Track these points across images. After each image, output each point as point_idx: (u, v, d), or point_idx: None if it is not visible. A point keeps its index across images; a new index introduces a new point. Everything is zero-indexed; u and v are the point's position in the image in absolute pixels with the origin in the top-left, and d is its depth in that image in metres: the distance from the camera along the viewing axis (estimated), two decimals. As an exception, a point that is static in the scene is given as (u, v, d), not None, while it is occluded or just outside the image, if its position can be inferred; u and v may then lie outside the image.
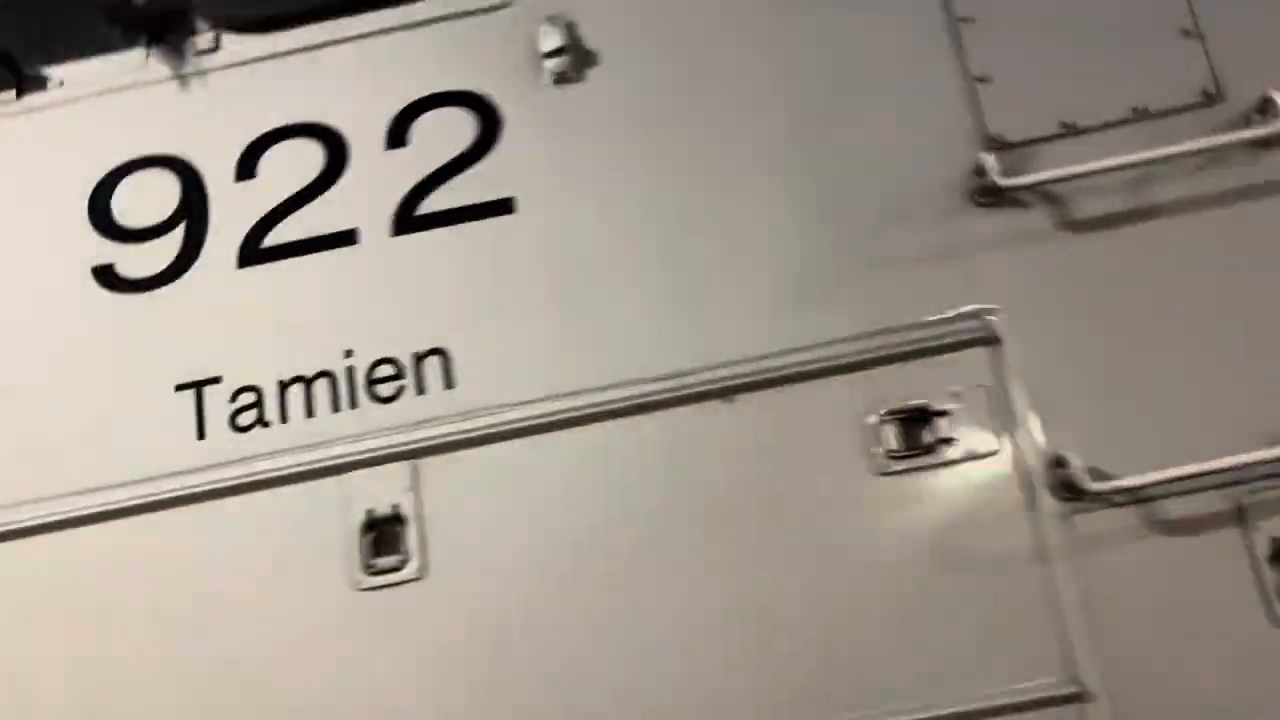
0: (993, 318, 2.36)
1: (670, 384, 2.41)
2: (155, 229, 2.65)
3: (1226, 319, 2.31)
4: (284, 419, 2.50)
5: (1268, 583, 2.17)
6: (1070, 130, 2.44)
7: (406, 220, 2.58)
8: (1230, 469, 2.19)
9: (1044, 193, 2.41)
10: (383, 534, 2.41)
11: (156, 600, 2.40)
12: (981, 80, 2.50)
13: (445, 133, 2.62)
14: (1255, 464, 2.19)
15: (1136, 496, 2.23)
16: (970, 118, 2.48)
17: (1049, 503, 2.25)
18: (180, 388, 2.54)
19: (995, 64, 2.51)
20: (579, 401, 2.42)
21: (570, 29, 2.65)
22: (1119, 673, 2.18)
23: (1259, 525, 2.20)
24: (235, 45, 2.75)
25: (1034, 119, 2.46)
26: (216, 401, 2.53)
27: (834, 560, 2.29)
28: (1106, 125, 2.44)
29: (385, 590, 2.38)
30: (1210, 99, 2.42)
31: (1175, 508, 2.23)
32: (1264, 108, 2.37)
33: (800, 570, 2.29)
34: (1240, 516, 2.21)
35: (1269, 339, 2.29)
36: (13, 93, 2.77)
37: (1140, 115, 2.43)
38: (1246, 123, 2.38)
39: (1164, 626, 2.19)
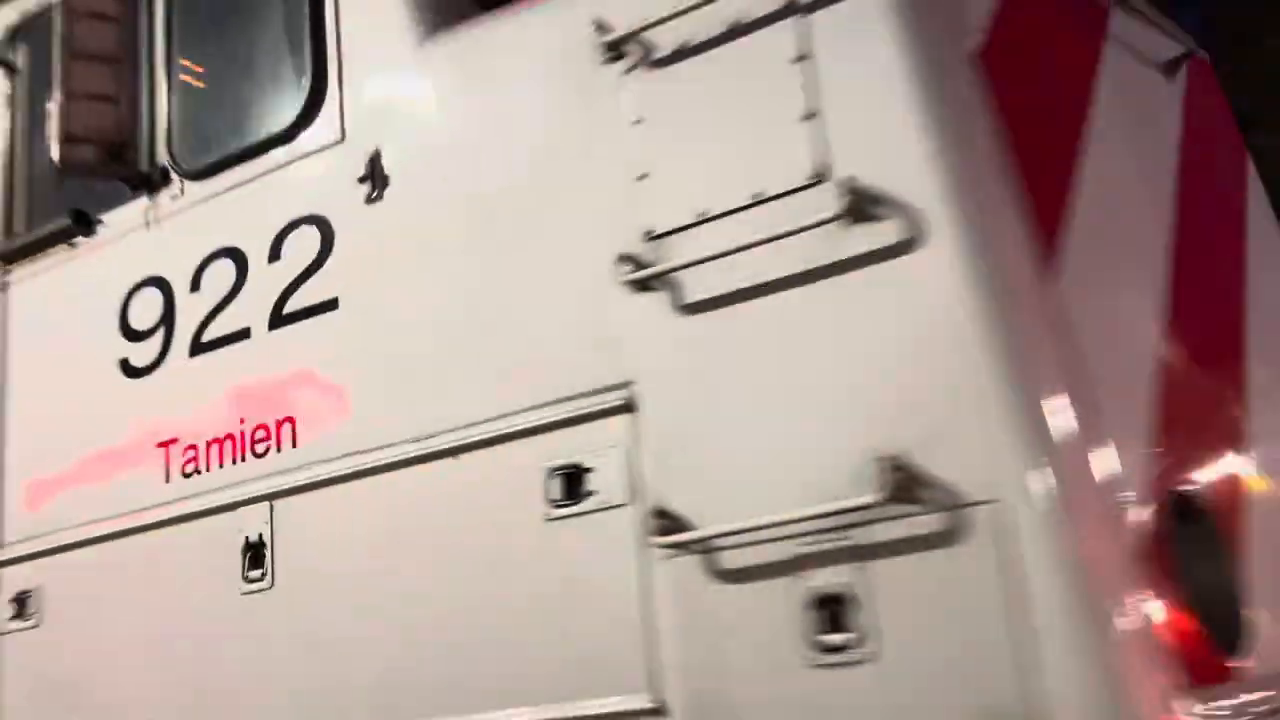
0: (632, 389, 2.81)
1: (419, 445, 3.11)
2: (148, 331, 3.75)
3: (806, 388, 2.58)
4: (208, 469, 3.52)
5: (805, 626, 2.49)
6: (704, 218, 2.78)
7: (277, 318, 3.46)
8: (780, 524, 2.52)
9: (671, 279, 2.78)
10: (257, 554, 3.37)
11: (133, 594, 3.57)
12: (642, 178, 2.89)
13: (303, 248, 3.45)
14: (799, 519, 2.50)
15: (708, 546, 2.62)
16: (632, 212, 2.88)
17: (654, 549, 2.70)
18: (159, 445, 3.65)
19: (656, 161, 2.88)
20: (367, 458, 3.20)
21: (374, 160, 3.36)
22: (693, 695, 2.61)
23: (801, 575, 2.51)
24: (193, 190, 3.76)
25: (679, 210, 2.82)
26: (175, 456, 3.61)
27: (505, 586, 2.91)
28: (731, 211, 2.74)
29: (253, 595, 3.34)
30: (820, 178, 2.64)
31: (745, 556, 2.59)
32: (852, 186, 2.56)
33: (483, 593, 2.94)
34: (789, 566, 2.53)
35: (816, 406, 2.54)
36: (82, 238, 4.01)
37: (758, 199, 2.71)
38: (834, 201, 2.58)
39: (730, 658, 2.58)
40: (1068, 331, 2.49)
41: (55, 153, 3.78)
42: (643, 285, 2.82)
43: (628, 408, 2.81)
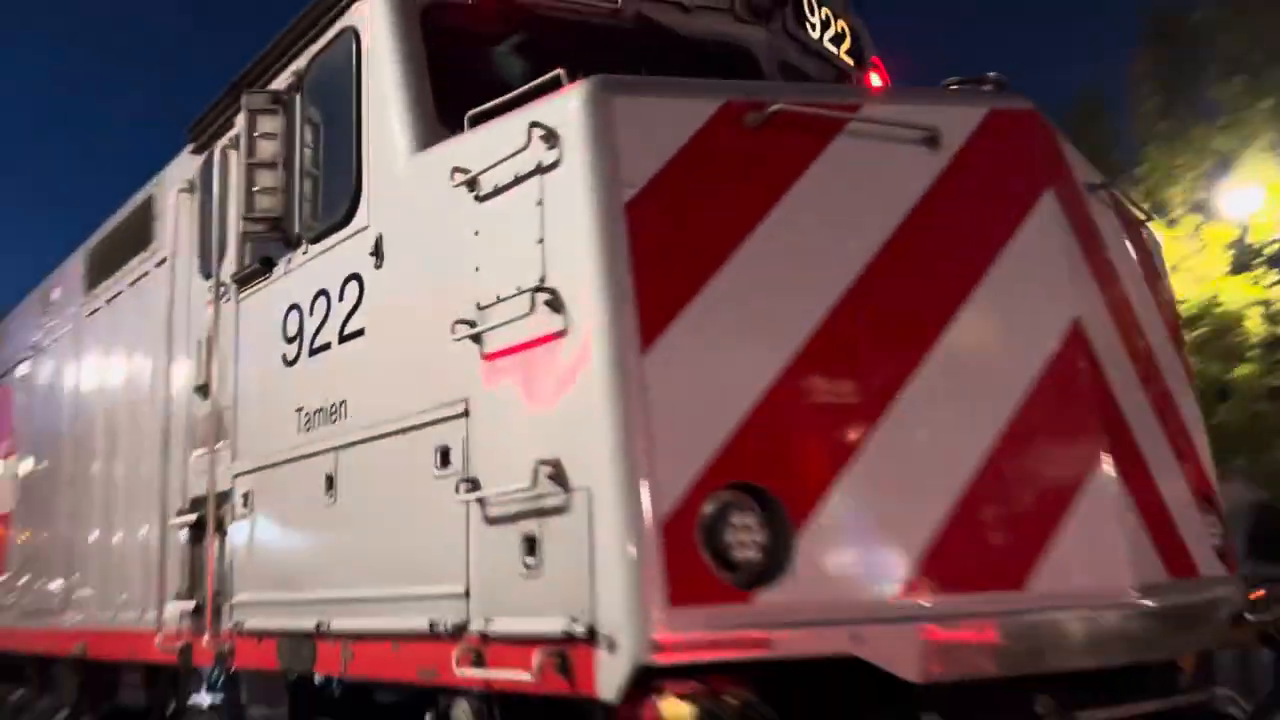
0: (467, 403, 4.61)
1: (382, 428, 5.11)
2: (293, 338, 6.01)
3: (521, 415, 4.28)
4: (315, 427, 5.74)
5: (520, 553, 4.22)
6: (499, 300, 4.47)
7: (340, 338, 5.56)
8: (508, 493, 4.26)
9: (481, 336, 4.53)
10: (330, 484, 5.55)
11: (287, 499, 5.91)
12: (477, 269, 4.62)
13: (351, 294, 5.51)
14: (513, 491, 4.22)
15: (485, 501, 4.41)
16: (471, 291, 4.63)
17: (470, 499, 4.52)
18: (295, 410, 5.92)
19: (483, 259, 4.60)
20: (365, 432, 5.26)
21: (379, 241, 5.31)
22: (480, 586, 4.45)
23: (518, 523, 4.24)
24: (311, 249, 5.92)
25: (490, 293, 4.53)
26: (301, 418, 5.86)
27: (411, 514, 4.87)
28: (508, 297, 4.41)
29: (330, 508, 5.54)
30: (541, 281, 4.26)
31: (499, 509, 4.36)
32: (550, 290, 4.18)
33: (401, 514, 4.93)
34: (515, 517, 4.27)
35: (527, 426, 4.22)
36: (268, 275, 6.33)
37: (520, 291, 4.35)
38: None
39: (494, 567, 4.38)
40: (646, 390, 3.97)
41: (240, 227, 6.13)
42: (474, 339, 4.61)
43: (466, 414, 4.64)
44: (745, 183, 4.40)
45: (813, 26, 6.69)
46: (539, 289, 4.25)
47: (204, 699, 6.74)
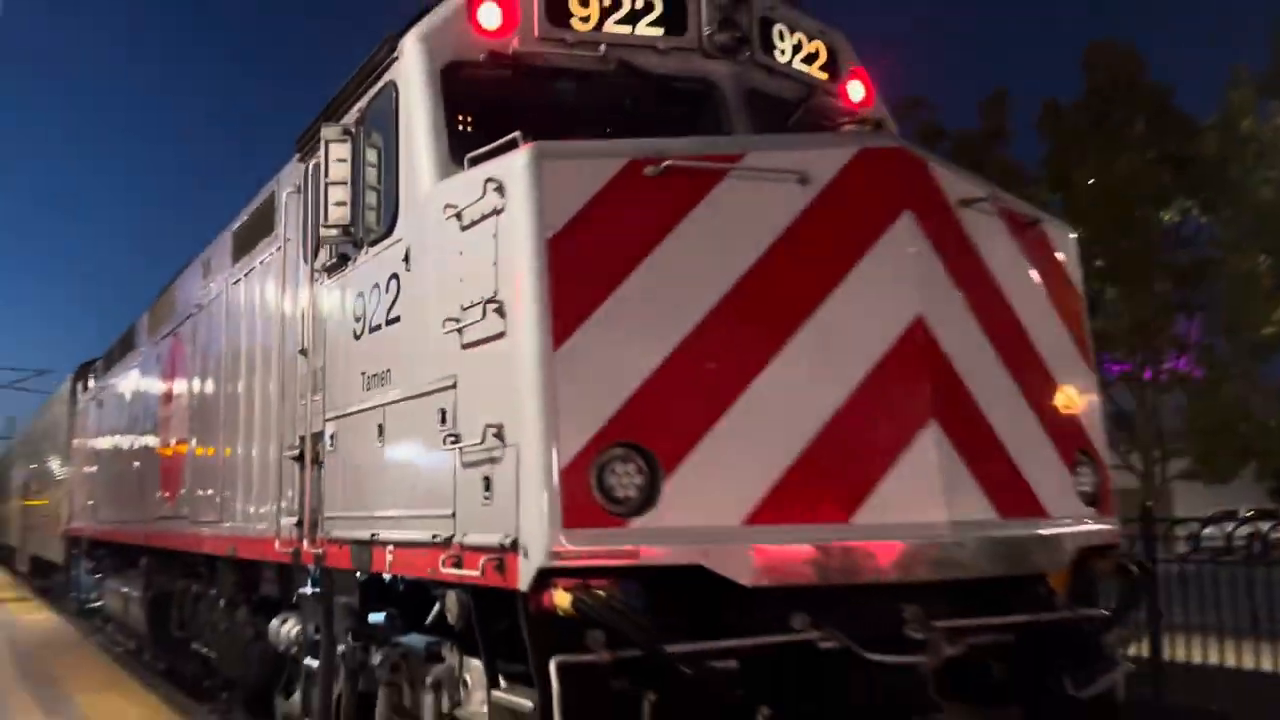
0: (455, 378, 6.32)
1: (409, 391, 6.88)
2: (359, 318, 7.84)
3: (479, 390, 5.97)
4: (372, 388, 7.57)
5: (480, 487, 5.95)
6: (471, 304, 6.14)
7: (385, 322, 7.35)
8: (473, 444, 5.98)
9: (462, 331, 6.22)
10: (381, 432, 7.39)
11: (357, 440, 7.81)
12: (462, 280, 6.30)
13: (392, 288, 7.28)
14: (475, 444, 5.94)
15: (463, 450, 6.13)
16: (458, 297, 6.32)
17: (454, 449, 6.25)
18: (360, 374, 7.77)
19: (467, 274, 6.28)
20: (396, 395, 7.05)
21: (408, 250, 7.04)
22: (460, 510, 6.20)
23: (480, 466, 5.96)
24: (369, 251, 7.71)
25: (469, 298, 6.20)
26: (364, 380, 7.71)
27: (425, 462, 6.63)
28: (475, 304, 6.07)
29: (382, 448, 7.38)
30: (495, 294, 5.91)
31: (469, 456, 6.07)
32: (499, 301, 5.83)
33: (420, 459, 6.70)
34: (479, 463, 5.99)
35: (480, 399, 5.92)
36: (343, 270, 8.17)
37: (483, 300, 6.01)
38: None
39: (469, 497, 6.12)
40: (557, 377, 5.58)
41: (320, 233, 7.98)
42: (459, 332, 6.31)
43: (454, 386, 6.37)
44: (643, 220, 5.93)
45: (781, 52, 8.03)
46: (491, 300, 5.93)
47: (309, 590, 8.80)
